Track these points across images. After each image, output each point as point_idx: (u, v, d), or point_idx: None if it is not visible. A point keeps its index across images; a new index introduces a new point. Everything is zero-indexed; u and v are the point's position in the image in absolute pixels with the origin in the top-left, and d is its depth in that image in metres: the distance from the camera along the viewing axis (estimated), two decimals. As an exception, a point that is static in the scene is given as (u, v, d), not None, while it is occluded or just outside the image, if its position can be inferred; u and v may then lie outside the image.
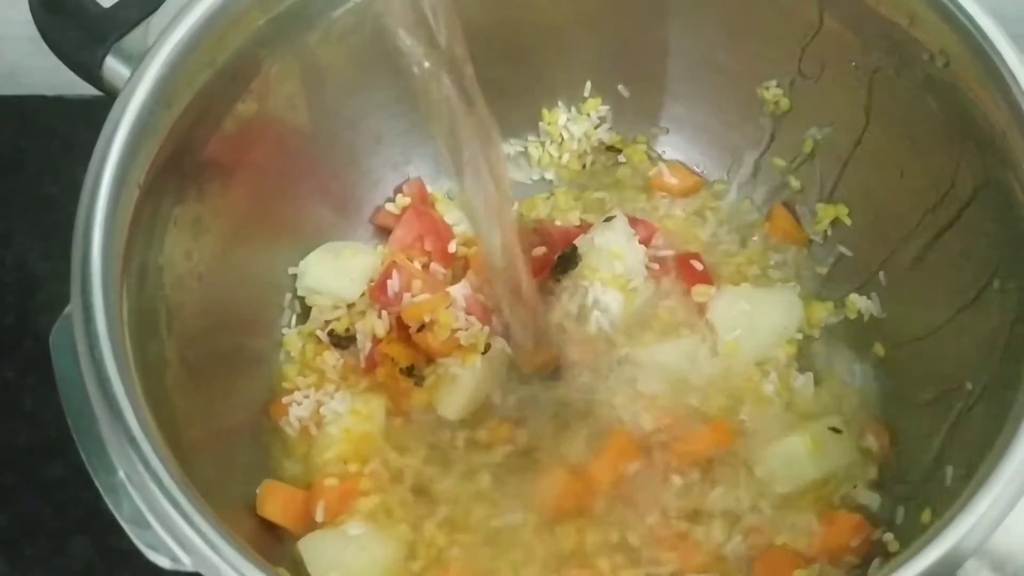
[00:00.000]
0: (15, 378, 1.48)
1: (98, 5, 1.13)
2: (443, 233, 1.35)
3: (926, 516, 1.07)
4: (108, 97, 1.09)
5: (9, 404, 1.46)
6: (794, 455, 1.19)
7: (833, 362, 1.29)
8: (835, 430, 1.21)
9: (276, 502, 1.19)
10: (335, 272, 1.32)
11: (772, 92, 1.34)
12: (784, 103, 1.34)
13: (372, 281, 1.31)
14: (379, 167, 1.40)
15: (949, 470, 1.07)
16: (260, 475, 1.22)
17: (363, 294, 1.32)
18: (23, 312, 1.53)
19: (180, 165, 1.11)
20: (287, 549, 1.18)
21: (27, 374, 1.48)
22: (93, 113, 1.09)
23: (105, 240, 0.99)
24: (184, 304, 1.15)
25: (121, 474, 0.91)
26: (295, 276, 1.34)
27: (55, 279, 1.50)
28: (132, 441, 0.90)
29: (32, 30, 1.14)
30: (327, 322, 1.31)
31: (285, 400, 1.27)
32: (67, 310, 0.98)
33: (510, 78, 1.39)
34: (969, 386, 1.10)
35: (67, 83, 1.24)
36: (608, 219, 1.31)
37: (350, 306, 1.32)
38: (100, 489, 0.93)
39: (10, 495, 1.41)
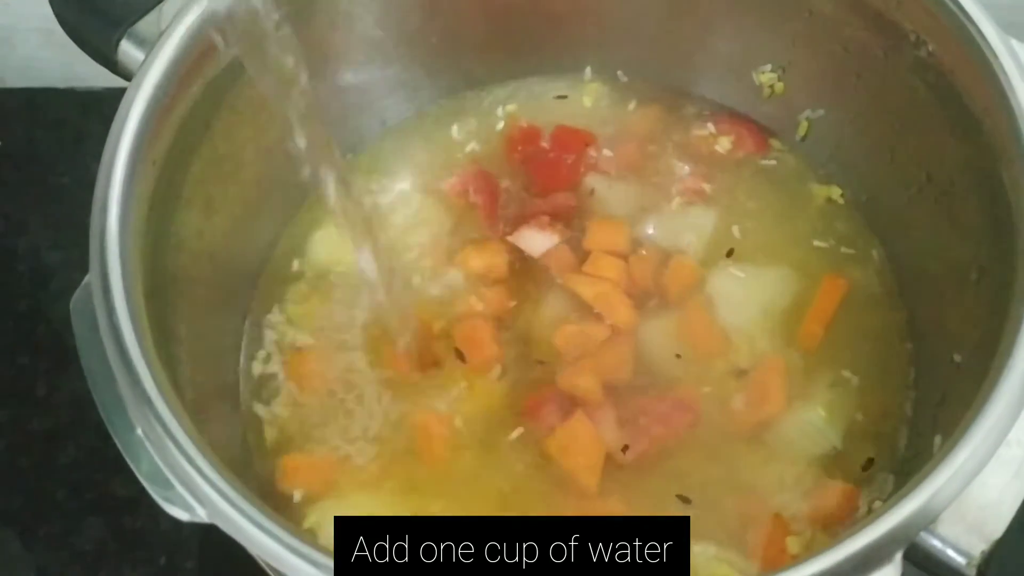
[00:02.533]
0: (29, 364, 1.53)
1: (114, -10, 1.18)
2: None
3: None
4: (120, 86, 1.13)
5: (23, 389, 1.50)
6: (814, 424, 1.23)
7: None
8: (832, 385, 1.25)
9: (297, 473, 1.24)
10: (341, 249, 1.35)
11: (767, 76, 1.39)
12: (779, 86, 1.39)
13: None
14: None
15: (937, 440, 1.09)
16: (269, 447, 1.27)
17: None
18: (36, 300, 1.58)
19: (193, 146, 1.16)
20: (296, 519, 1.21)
21: (40, 360, 1.53)
22: (104, 105, 1.14)
23: (122, 213, 1.03)
24: (196, 280, 1.20)
25: (139, 431, 0.95)
26: (304, 250, 1.39)
27: (67, 268, 1.57)
28: (148, 401, 0.95)
29: (44, 23, 1.19)
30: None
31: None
32: (86, 279, 1.02)
33: (510, 64, 1.46)
34: (958, 358, 1.14)
35: (78, 75, 1.29)
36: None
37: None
38: (119, 446, 0.98)
39: (24, 478, 1.45)
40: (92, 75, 1.20)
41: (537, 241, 1.34)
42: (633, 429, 1.22)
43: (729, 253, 1.35)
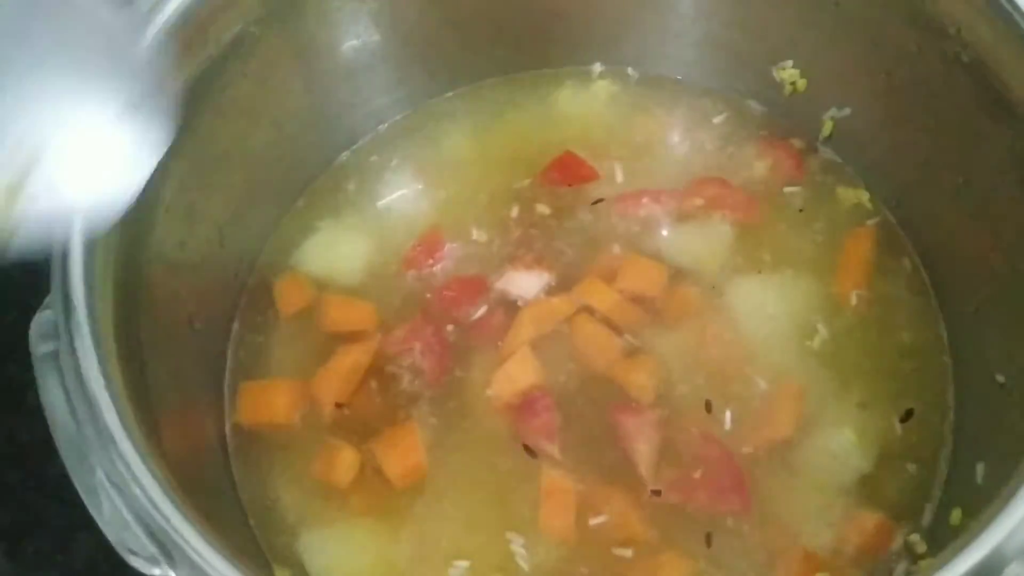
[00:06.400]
0: (18, 374, 1.39)
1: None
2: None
3: (955, 516, 1.01)
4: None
5: (12, 400, 1.39)
6: (842, 448, 1.11)
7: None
8: (862, 405, 1.13)
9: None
10: (335, 258, 1.26)
11: (788, 72, 1.28)
12: (801, 83, 1.28)
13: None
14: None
15: (980, 467, 1.00)
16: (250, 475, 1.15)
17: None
18: (26, 308, 1.46)
19: (173, 151, 1.00)
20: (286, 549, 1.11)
21: (30, 370, 1.40)
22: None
23: (88, 229, 0.92)
24: (177, 294, 1.10)
25: (100, 474, 0.84)
26: (296, 260, 1.27)
27: (58, 274, 1.46)
28: (111, 441, 0.84)
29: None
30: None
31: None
32: (47, 300, 0.93)
33: (518, 60, 1.35)
34: (1001, 379, 1.04)
35: (71, 76, 1.18)
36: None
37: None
38: (79, 489, 0.88)
39: (13, 492, 1.36)
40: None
41: (526, 283, 1.22)
42: (679, 476, 1.10)
43: (749, 265, 1.22)
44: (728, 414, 1.13)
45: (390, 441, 1.13)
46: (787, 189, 1.27)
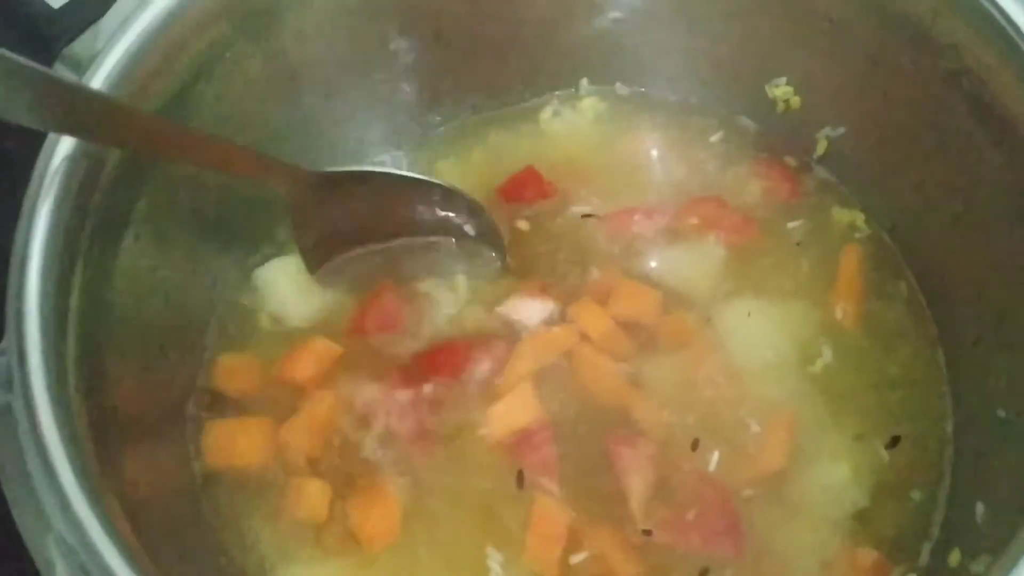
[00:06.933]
0: (-2, 392, 1.37)
1: (47, 6, 1.02)
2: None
3: (954, 558, 0.95)
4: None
5: None
6: (838, 481, 1.05)
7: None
8: (858, 437, 1.07)
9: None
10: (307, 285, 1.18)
11: (782, 90, 1.21)
12: (795, 101, 1.21)
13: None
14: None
15: (979, 508, 0.94)
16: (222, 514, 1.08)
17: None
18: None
19: (143, 175, 0.99)
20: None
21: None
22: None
23: (44, 270, 0.87)
24: (149, 321, 1.03)
25: (52, 536, 0.78)
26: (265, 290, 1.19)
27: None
28: (67, 503, 0.78)
29: (16, 26, 1.02)
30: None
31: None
32: (2, 345, 0.85)
33: (503, 77, 1.27)
34: (1002, 414, 0.98)
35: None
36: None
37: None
38: (30, 549, 0.81)
39: None
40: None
41: (531, 310, 1.15)
42: (672, 516, 1.04)
43: (742, 290, 1.16)
44: (718, 452, 1.06)
45: (364, 503, 1.05)
46: (789, 225, 1.19)
